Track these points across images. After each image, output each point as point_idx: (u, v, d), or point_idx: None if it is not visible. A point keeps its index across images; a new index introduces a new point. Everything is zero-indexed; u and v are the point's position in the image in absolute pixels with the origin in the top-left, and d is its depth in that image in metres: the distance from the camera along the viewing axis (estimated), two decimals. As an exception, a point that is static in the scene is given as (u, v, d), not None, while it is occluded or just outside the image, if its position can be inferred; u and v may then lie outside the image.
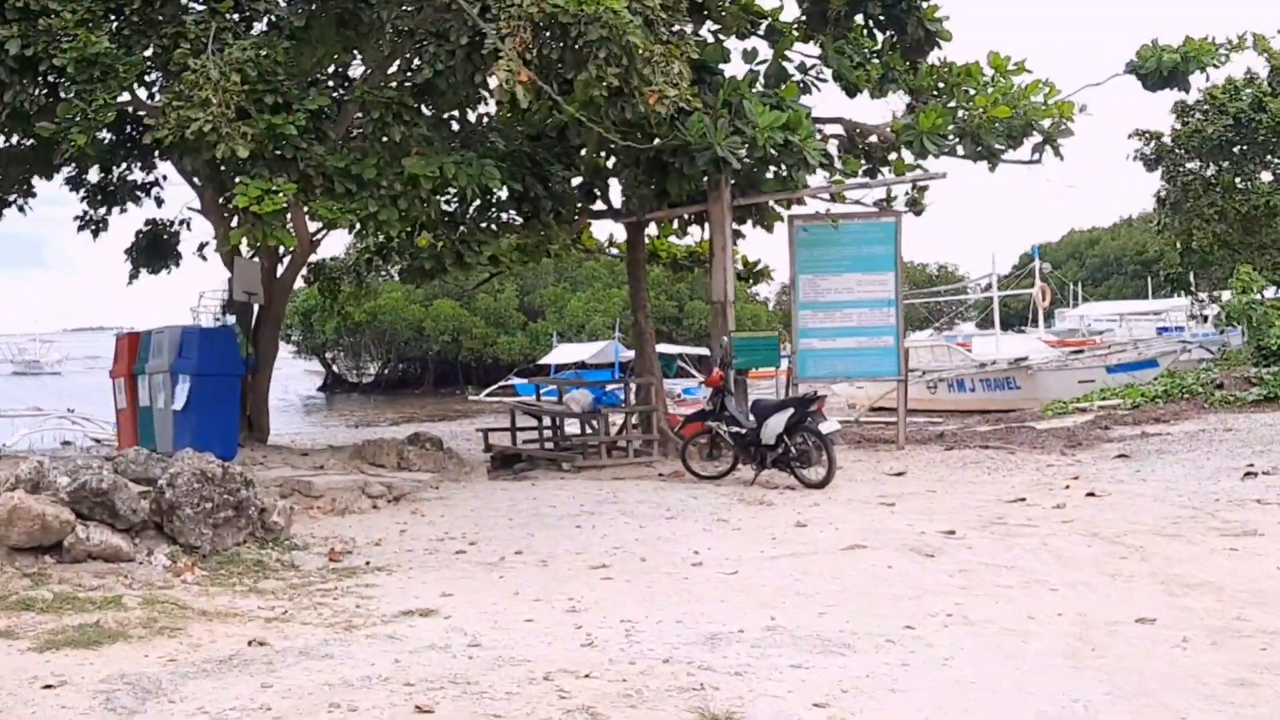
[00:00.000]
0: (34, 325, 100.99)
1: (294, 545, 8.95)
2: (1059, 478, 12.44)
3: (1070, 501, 10.79)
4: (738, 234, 16.85)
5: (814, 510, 10.83)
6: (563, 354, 45.34)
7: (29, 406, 34.55)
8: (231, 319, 15.66)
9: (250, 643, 6.12)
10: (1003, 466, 13.71)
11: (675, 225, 18.09)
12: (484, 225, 14.22)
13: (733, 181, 14.93)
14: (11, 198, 16.95)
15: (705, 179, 14.72)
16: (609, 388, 18.29)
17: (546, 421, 16.80)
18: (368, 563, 8.59)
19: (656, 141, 13.19)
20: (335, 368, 60.18)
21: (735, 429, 12.80)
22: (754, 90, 13.93)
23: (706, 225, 16.56)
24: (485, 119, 14.86)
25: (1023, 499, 11.00)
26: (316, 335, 55.08)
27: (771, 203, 16.46)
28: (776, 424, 12.23)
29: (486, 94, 12.75)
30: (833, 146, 15.89)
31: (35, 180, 16.63)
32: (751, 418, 12.73)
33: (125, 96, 13.01)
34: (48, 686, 5.24)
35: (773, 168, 14.64)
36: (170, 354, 13.19)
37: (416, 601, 7.28)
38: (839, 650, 6.05)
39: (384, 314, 51.75)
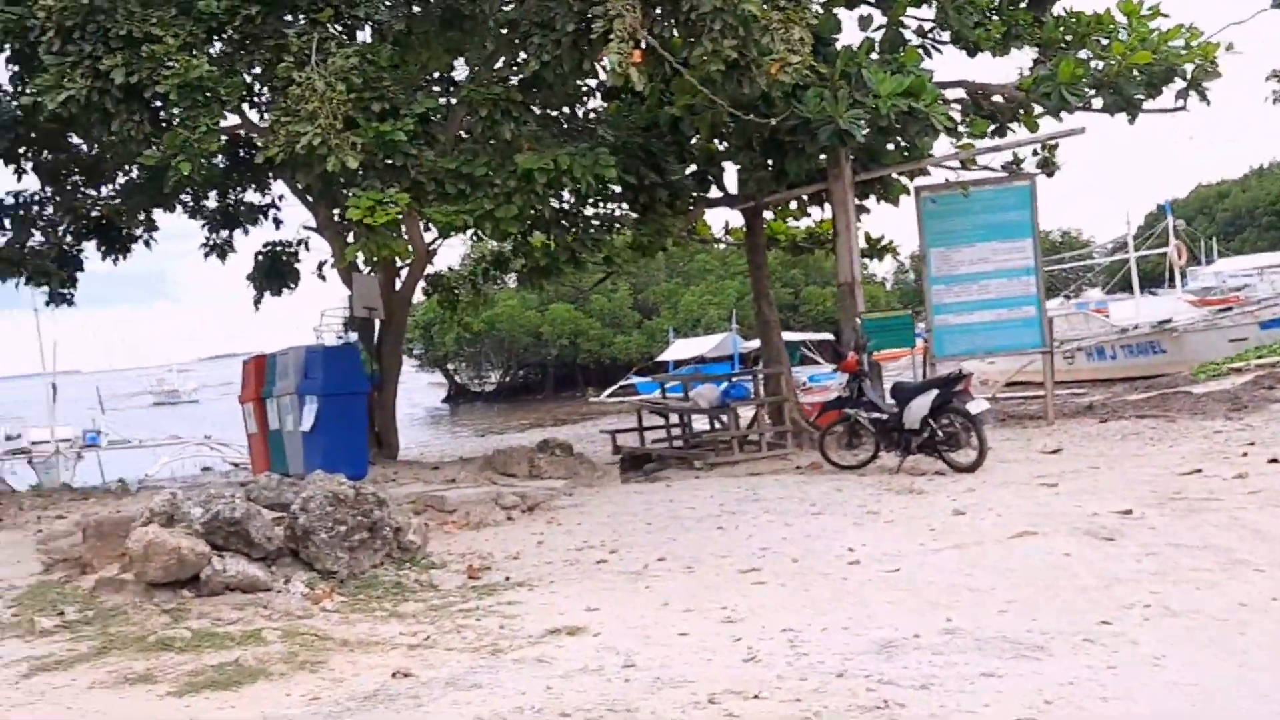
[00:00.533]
0: (169, 356, 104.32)
1: (431, 564, 8.66)
2: (1233, 445, 11.53)
3: (1252, 470, 9.92)
4: (861, 210, 16.17)
5: (970, 496, 10.16)
6: (680, 349, 44.93)
7: (169, 435, 35.47)
8: (354, 336, 15.58)
9: (394, 674, 5.78)
10: (1166, 436, 12.81)
11: (794, 207, 17.49)
12: (598, 222, 13.83)
13: (853, 156, 14.31)
14: (138, 232, 17.23)
15: (825, 156, 14.13)
16: (735, 379, 17.74)
17: (674, 419, 16.39)
18: (507, 578, 8.24)
19: (774, 120, 12.61)
20: (458, 378, 60.70)
21: (875, 415, 12.18)
22: (871, 58, 13.26)
23: (827, 205, 15.96)
24: (594, 113, 14.50)
25: (1198, 470, 10.16)
26: (437, 347, 55.58)
27: (895, 175, 15.76)
28: (920, 407, 11.59)
29: (595, 82, 12.35)
30: (955, 112, 15.13)
31: (156, 214, 16.91)
32: (891, 401, 12.11)
33: (234, 119, 12.97)
34: (187, 736, 4.97)
35: (895, 138, 13.96)
36: (296, 375, 13.08)
37: (562, 618, 6.89)
38: (1032, 654, 5.46)
39: (501, 322, 52.01)
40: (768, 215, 17.36)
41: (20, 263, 16.34)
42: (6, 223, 16.33)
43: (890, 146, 14.49)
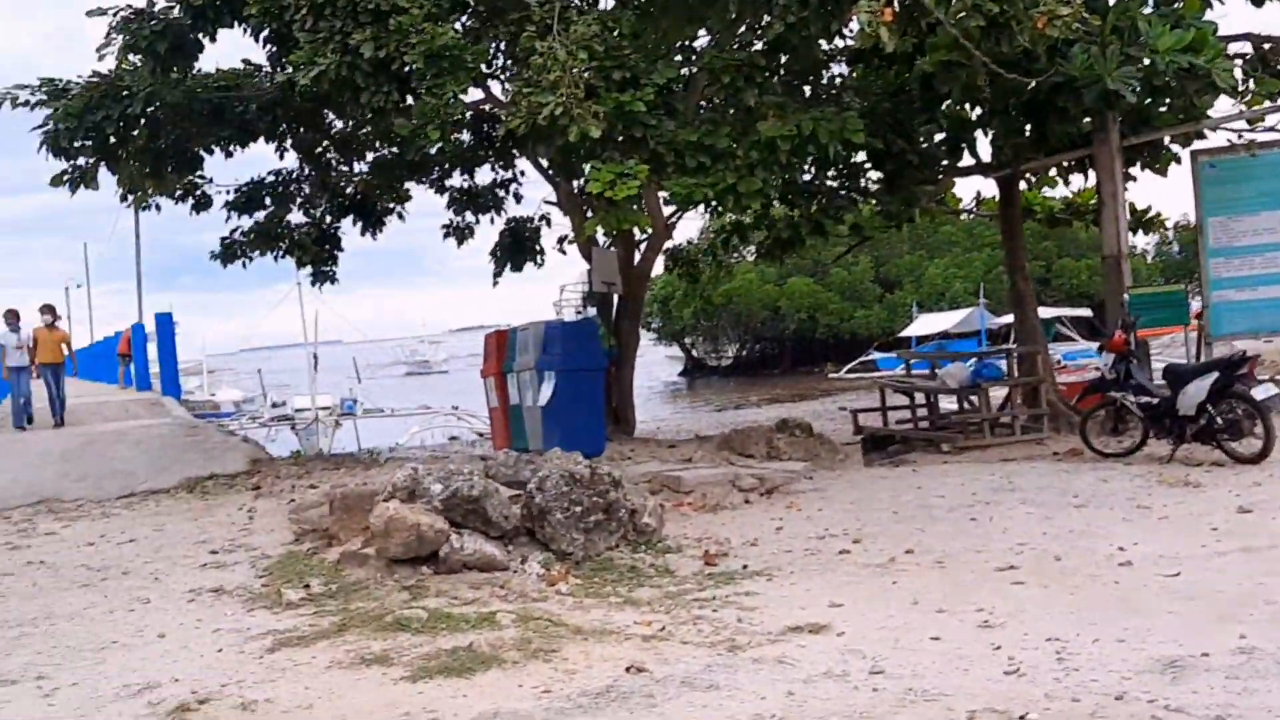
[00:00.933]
0: (421, 328, 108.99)
1: (667, 548, 8.40)
2: None
3: None
4: (1128, 178, 14.95)
5: (1257, 491, 9.17)
6: (924, 325, 43.53)
7: (419, 405, 36.86)
8: (592, 311, 15.55)
9: (629, 669, 5.51)
10: None
11: (1052, 174, 16.39)
12: (844, 191, 13.24)
13: (1120, 119, 13.20)
14: (392, 206, 17.78)
15: (1089, 119, 13.08)
16: (986, 358, 16.82)
17: (920, 399, 15.68)
18: (745, 566, 7.88)
19: (1036, 80, 11.70)
20: (694, 352, 60.84)
21: (1144, 398, 11.21)
22: (1145, 10, 12.14)
23: (1090, 172, 14.85)
24: (838, 79, 13.90)
25: None
26: (675, 321, 55.81)
27: (1167, 140, 14.48)
28: (1197, 391, 10.57)
29: (842, 45, 11.75)
30: (1238, 69, 13.75)
31: (410, 191, 17.40)
32: (1161, 384, 11.11)
33: (478, 94, 13.07)
34: (419, 725, 4.84)
35: (1169, 99, 12.77)
36: (535, 350, 13.12)
37: (803, 614, 6.48)
38: (1351, 685, 4.72)
39: (739, 296, 51.67)
40: (1023, 184, 16.35)
41: (280, 238, 17.11)
42: (268, 200, 17.12)
43: (1162, 108, 13.30)
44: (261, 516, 10.64)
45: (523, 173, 17.20)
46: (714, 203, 11.39)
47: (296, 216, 17.83)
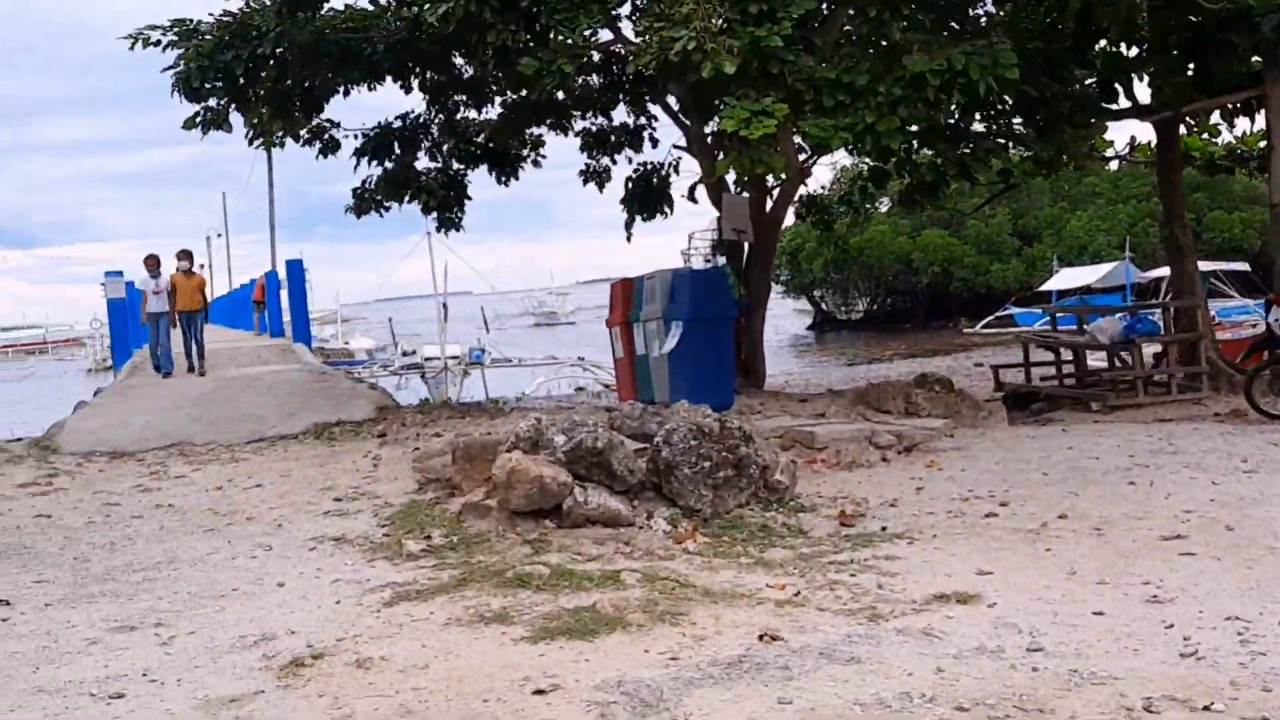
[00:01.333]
0: (550, 280, 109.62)
1: (800, 506, 7.98)
2: None
3: None
4: (1302, 120, 13.86)
5: None
6: (1065, 279, 41.88)
7: (545, 356, 36.95)
8: (722, 260, 15.09)
9: (761, 636, 5.13)
10: None
11: (1215, 119, 15.34)
12: (992, 136, 12.48)
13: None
14: (524, 152, 17.53)
15: (1259, 57, 12.11)
16: (1140, 312, 15.90)
17: (1066, 355, 14.91)
18: (884, 528, 7.43)
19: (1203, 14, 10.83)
20: (824, 306, 59.80)
21: (1318, 357, 10.38)
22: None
23: (1257, 115, 13.82)
24: (985, 17, 13.10)
25: None
26: (804, 274, 54.83)
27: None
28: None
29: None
30: None
31: (544, 136, 17.11)
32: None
33: (607, 35, 12.66)
34: (539, 692, 4.52)
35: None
36: (662, 299, 12.73)
37: (949, 581, 6.02)
38: None
39: (871, 248, 50.47)
40: (1182, 129, 15.32)
41: (406, 185, 16.98)
42: (397, 146, 16.98)
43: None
44: (386, 464, 10.53)
45: (654, 118, 16.77)
46: (852, 145, 10.80)
47: (424, 162, 17.69)
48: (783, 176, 13.49)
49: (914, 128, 10.96)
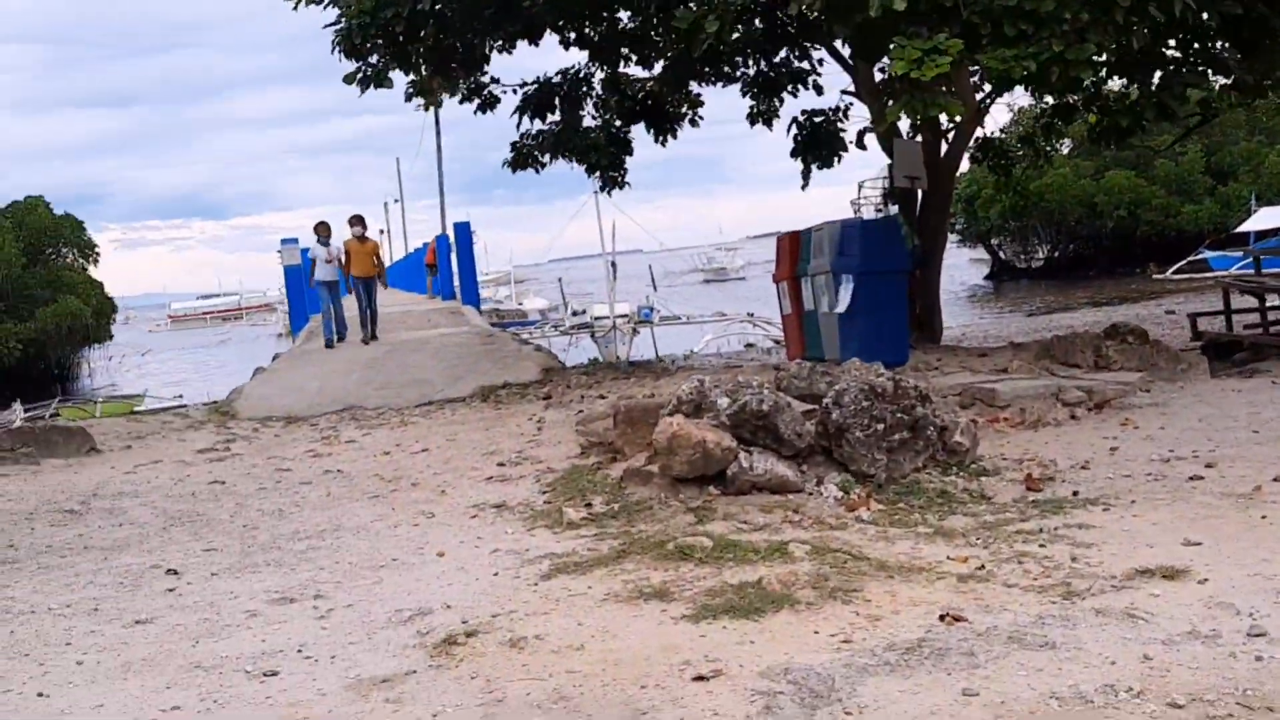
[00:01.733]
0: (719, 235, 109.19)
1: (982, 470, 7.44)
2: None
3: None
4: None
5: None
6: (1264, 219, 39.26)
7: (714, 312, 36.65)
8: (894, 209, 14.43)
9: (943, 617, 4.71)
10: None
11: None
12: (1191, 62, 11.46)
13: None
14: (683, 110, 17.15)
15: None
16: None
17: (1273, 300, 13.79)
18: (1075, 493, 6.85)
19: None
20: (1002, 254, 57.65)
21: None
22: None
23: None
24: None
25: None
26: (981, 221, 52.86)
27: None
28: None
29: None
30: None
31: (707, 97, 16.72)
32: None
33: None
34: (699, 678, 4.21)
35: None
36: (831, 252, 12.19)
37: (1152, 553, 5.46)
38: None
39: (1051, 193, 48.22)
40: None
41: (569, 143, 16.77)
42: (558, 102, 16.78)
43: None
44: (550, 428, 10.39)
45: (820, 61, 16.12)
46: (1037, 79, 10.00)
47: (588, 120, 17.45)
48: (957, 119, 12.73)
49: (1103, 56, 10.09)
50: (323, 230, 17.76)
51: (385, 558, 6.44)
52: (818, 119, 16.53)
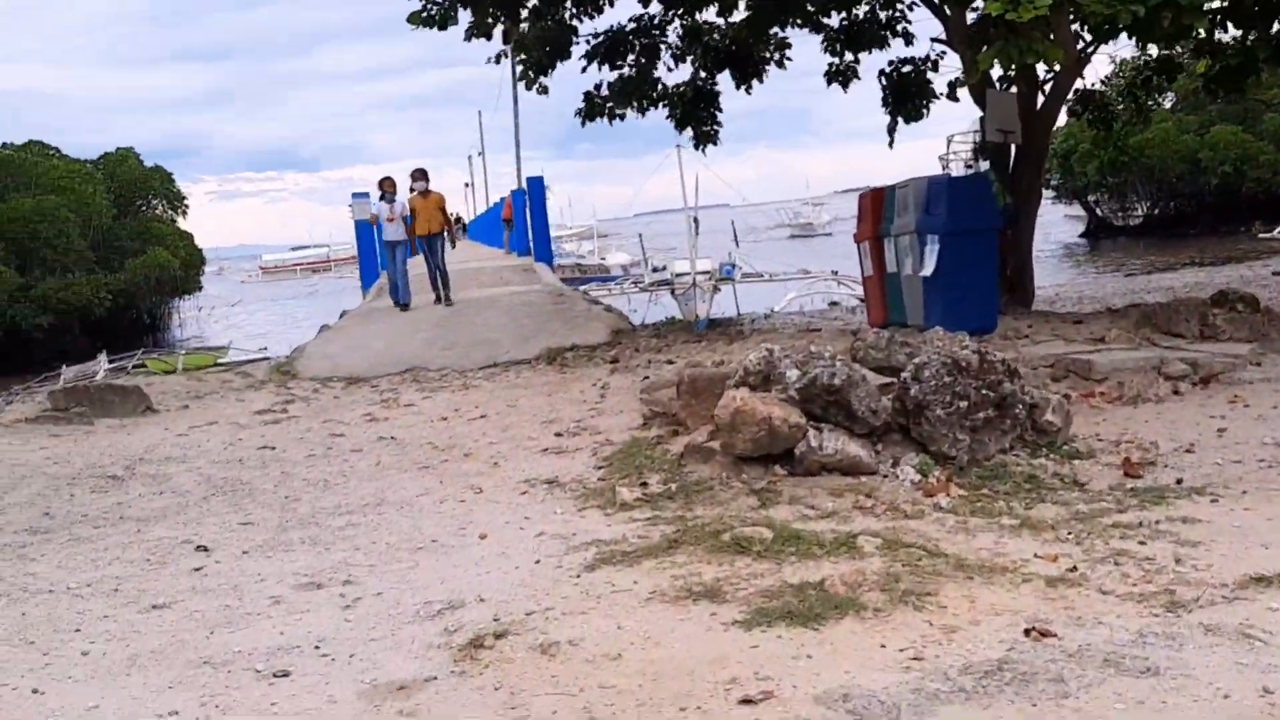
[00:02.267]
0: (805, 190, 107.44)
1: (1075, 452, 6.82)
2: None
3: None
4: None
5: None
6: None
7: (798, 270, 35.86)
8: (985, 165, 13.61)
9: (1029, 631, 4.16)
10: None
11: None
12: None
13: None
14: (768, 55, 16.46)
15: None
16: None
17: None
18: (1179, 481, 6.21)
19: None
20: (1099, 211, 55.74)
21: None
22: None
23: None
24: None
25: None
26: (1077, 178, 51.06)
27: None
28: None
29: None
30: None
31: (791, 38, 16.01)
32: None
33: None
34: (746, 701, 3.72)
35: None
36: (916, 211, 11.47)
37: (1268, 556, 4.85)
38: None
39: (1152, 149, 46.33)
40: None
41: (642, 93, 16.14)
42: (630, 49, 16.12)
43: None
44: (613, 394, 9.92)
45: (910, 6, 15.26)
46: (1144, 27, 9.19)
47: (666, 73, 16.79)
48: (1056, 68, 11.89)
49: (1217, 3, 9.24)
50: (387, 186, 16.82)
51: (425, 538, 6.05)
52: (906, 69, 15.70)
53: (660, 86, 16.35)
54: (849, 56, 16.40)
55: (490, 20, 14.81)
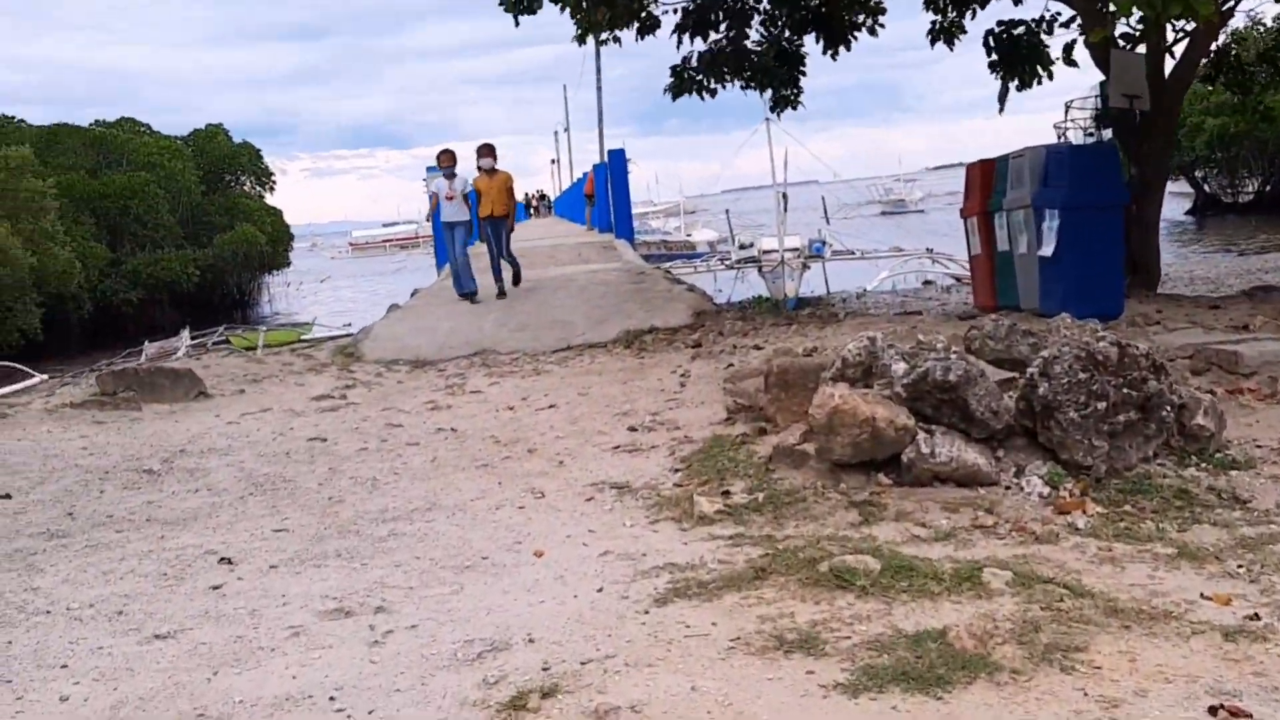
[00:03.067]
0: (898, 166, 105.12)
1: (1230, 461, 5.83)
2: None
3: None
4: None
5: None
6: None
7: (891, 247, 34.61)
8: (1107, 133, 12.42)
9: (1215, 710, 3.27)
10: None
11: None
12: None
13: None
14: (861, 18, 15.42)
15: None
16: None
17: None
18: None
19: None
20: (1206, 187, 53.32)
21: None
22: None
23: None
24: None
25: None
26: (1184, 152, 48.83)
27: None
28: None
29: None
30: None
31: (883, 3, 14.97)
32: None
33: None
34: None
35: None
36: (1032, 183, 10.37)
37: None
38: None
39: (1265, 124, 43.98)
40: None
41: (734, 64, 15.17)
42: (721, 19, 15.17)
43: None
44: (694, 383, 9.07)
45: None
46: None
47: (755, 38, 15.77)
48: (1192, 24, 10.71)
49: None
50: (445, 160, 14.78)
51: (474, 554, 5.27)
52: (1017, 30, 14.49)
53: (751, 58, 15.35)
54: (954, 15, 15.27)
55: (591, 12, 13.88)
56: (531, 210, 76.34)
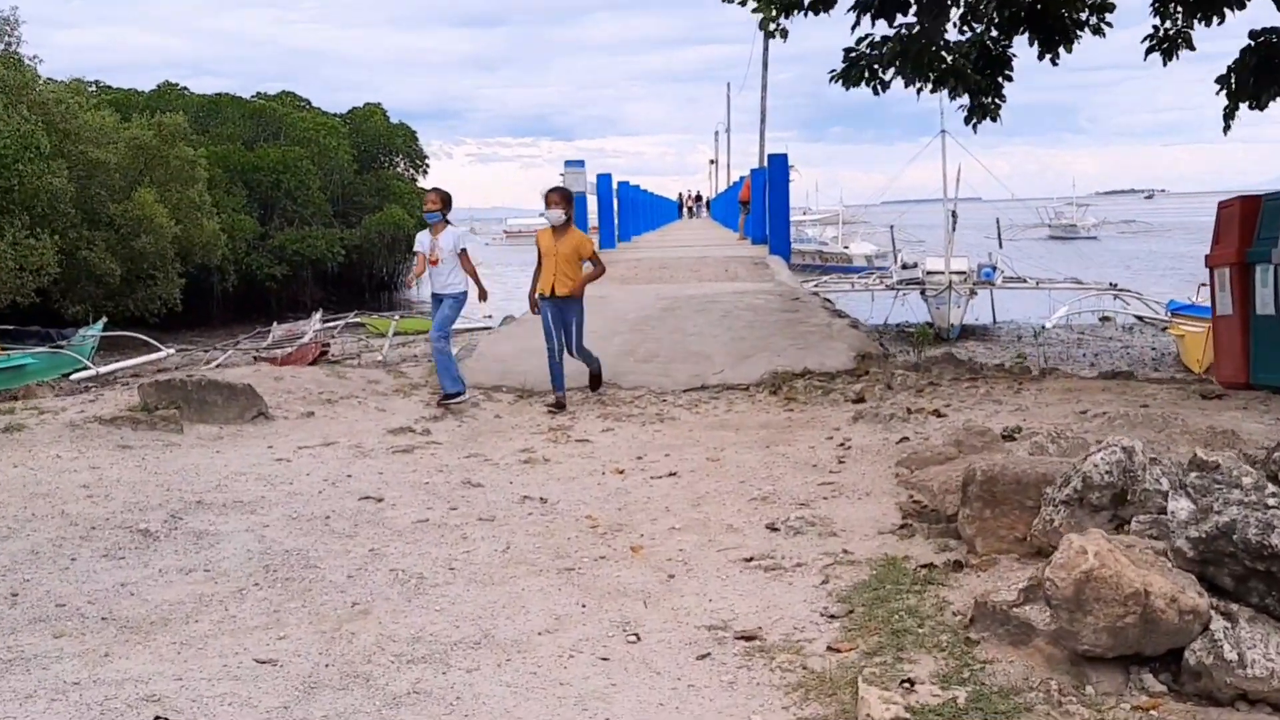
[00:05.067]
0: (1070, 189, 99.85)
1: None
2: None
3: None
4: None
5: None
6: None
7: (1067, 278, 31.83)
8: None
9: None
10: None
11: None
12: None
13: None
14: (1082, 16, 13.17)
15: None
16: None
17: None
18: None
19: None
20: None
21: None
22: None
23: None
24: None
25: None
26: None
27: None
28: None
29: None
30: None
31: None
32: None
33: None
34: None
35: None
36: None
37: None
38: None
39: None
40: None
41: (920, 59, 12.97)
42: (913, 4, 12.97)
43: None
44: (856, 458, 7.08)
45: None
46: None
47: (952, 34, 13.56)
48: None
49: None
50: (433, 202, 9.76)
51: (517, 753, 3.46)
52: (1276, 39, 12.02)
53: (945, 54, 13.13)
54: (1182, 23, 12.87)
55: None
56: (687, 210, 74.57)
